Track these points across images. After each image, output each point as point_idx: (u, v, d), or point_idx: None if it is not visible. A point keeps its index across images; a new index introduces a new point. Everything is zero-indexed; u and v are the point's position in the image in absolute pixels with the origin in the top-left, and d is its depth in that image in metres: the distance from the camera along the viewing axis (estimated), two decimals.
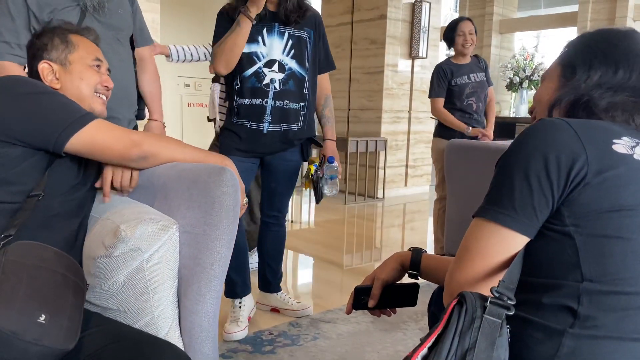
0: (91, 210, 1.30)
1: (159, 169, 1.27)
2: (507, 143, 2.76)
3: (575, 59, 0.94)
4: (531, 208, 0.80)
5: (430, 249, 3.97)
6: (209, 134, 7.38)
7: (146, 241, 1.10)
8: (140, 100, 1.99)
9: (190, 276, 1.15)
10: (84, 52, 1.33)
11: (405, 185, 6.17)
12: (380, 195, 5.83)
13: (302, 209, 5.22)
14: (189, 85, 7.18)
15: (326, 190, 2.26)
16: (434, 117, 3.48)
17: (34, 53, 1.30)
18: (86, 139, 1.16)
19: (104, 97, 1.36)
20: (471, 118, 3.25)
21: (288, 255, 3.56)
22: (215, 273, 1.13)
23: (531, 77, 8.44)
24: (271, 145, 2.15)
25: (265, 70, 2.05)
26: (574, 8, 7.89)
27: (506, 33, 8.83)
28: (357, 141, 5.45)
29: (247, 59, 2.04)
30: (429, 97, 3.34)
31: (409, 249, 1.22)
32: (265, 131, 2.10)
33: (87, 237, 1.23)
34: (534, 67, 8.43)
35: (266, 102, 2.07)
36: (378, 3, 5.69)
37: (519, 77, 8.38)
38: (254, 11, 1.93)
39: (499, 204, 0.83)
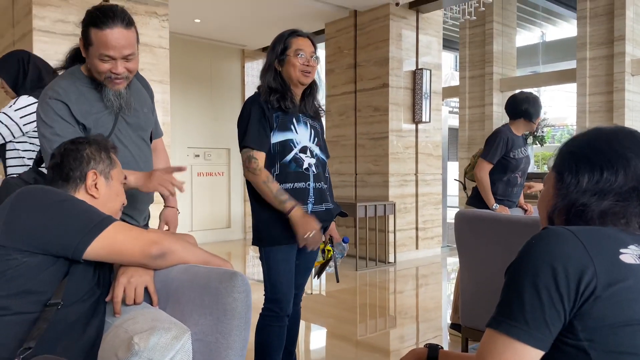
0: (105, 313, 1.31)
1: (173, 272, 1.29)
2: (518, 216, 2.77)
3: (563, 165, 0.97)
4: (543, 321, 0.80)
5: (446, 316, 3.88)
6: (218, 202, 7.47)
7: (159, 351, 1.10)
8: None
9: None
10: (119, 169, 1.45)
11: (417, 248, 6.12)
12: (391, 259, 5.78)
13: (312, 278, 5.16)
14: (198, 156, 7.33)
15: (328, 268, 2.37)
16: (458, 180, 3.46)
17: (78, 157, 1.36)
18: (105, 243, 1.19)
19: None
20: (512, 192, 3.26)
21: (300, 329, 3.50)
22: None
23: (535, 133, 8.55)
24: None
25: (302, 155, 2.13)
26: (572, 64, 8.09)
27: (507, 91, 9.02)
28: (366, 206, 5.47)
29: (284, 147, 2.10)
30: (483, 157, 3.21)
31: (425, 346, 1.20)
32: (309, 212, 2.13)
33: (101, 345, 1.23)
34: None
35: (309, 184, 2.13)
36: (380, 73, 5.87)
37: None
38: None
39: (510, 317, 0.83)
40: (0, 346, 1.09)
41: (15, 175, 1.97)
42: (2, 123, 2.32)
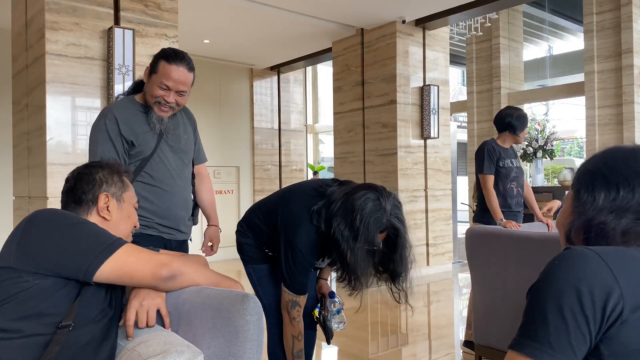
0: (118, 335, 1.31)
1: (184, 294, 1.29)
2: (530, 232, 2.73)
3: (579, 183, 0.96)
4: (568, 344, 0.78)
5: (458, 333, 3.83)
6: (228, 221, 7.46)
7: None
8: (195, 207, 2.23)
9: None
10: (132, 192, 1.47)
11: (428, 264, 6.07)
12: None
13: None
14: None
15: (335, 326, 2.18)
16: (465, 203, 3.46)
17: (91, 180, 1.38)
18: (116, 265, 1.20)
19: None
20: (511, 203, 3.27)
21: None
22: None
23: (544, 147, 8.51)
24: None
25: None
26: (580, 77, 8.07)
27: (515, 105, 9.00)
28: None
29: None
30: (480, 173, 3.27)
31: None
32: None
33: None
34: (546, 136, 8.53)
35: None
36: (387, 89, 5.90)
37: (532, 147, 8.45)
38: None
39: (534, 339, 0.81)
40: None
41: None
42: None
